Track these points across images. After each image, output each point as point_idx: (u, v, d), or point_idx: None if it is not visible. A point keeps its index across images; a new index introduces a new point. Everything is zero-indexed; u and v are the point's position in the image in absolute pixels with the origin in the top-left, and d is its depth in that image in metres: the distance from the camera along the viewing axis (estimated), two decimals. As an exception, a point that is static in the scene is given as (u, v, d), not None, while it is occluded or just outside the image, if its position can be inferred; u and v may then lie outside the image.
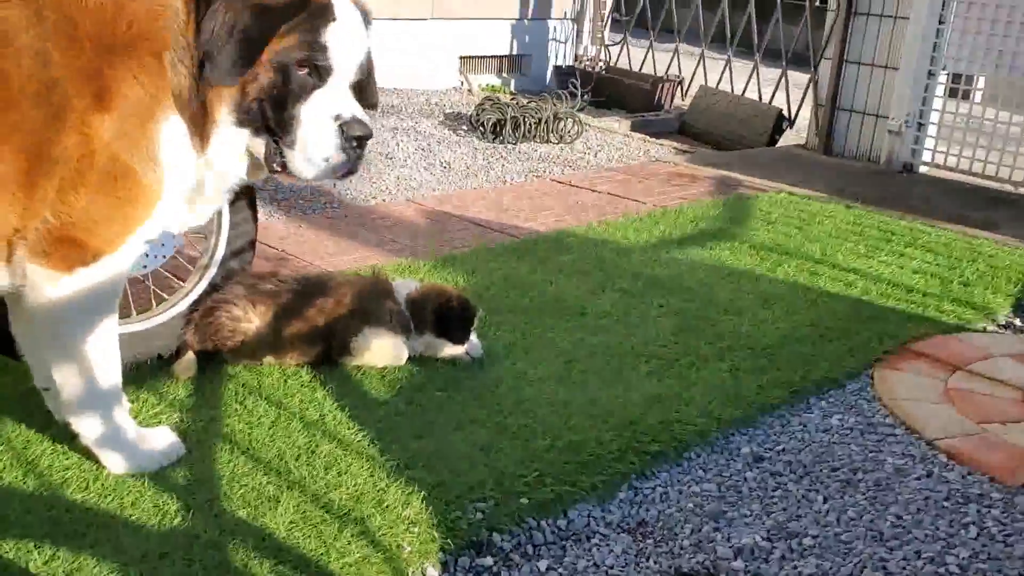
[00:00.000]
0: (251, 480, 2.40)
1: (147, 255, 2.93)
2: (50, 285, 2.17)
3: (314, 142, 2.31)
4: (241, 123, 2.28)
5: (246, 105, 2.25)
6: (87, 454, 2.40)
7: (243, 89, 2.23)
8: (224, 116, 2.26)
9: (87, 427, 2.36)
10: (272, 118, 2.29)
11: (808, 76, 7.25)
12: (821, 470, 2.73)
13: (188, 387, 2.84)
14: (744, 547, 2.34)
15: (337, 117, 2.32)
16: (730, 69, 8.12)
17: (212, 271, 3.10)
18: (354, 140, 2.34)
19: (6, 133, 2.00)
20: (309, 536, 2.19)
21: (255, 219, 3.22)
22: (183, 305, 3.04)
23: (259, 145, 2.34)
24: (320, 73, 2.29)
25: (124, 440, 2.39)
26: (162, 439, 2.48)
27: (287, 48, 2.23)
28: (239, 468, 2.45)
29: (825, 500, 2.58)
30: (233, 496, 2.32)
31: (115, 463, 2.37)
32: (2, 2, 2.00)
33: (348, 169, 2.38)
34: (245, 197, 3.17)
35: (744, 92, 7.96)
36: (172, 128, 2.20)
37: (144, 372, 2.88)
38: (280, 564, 2.09)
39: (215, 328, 2.95)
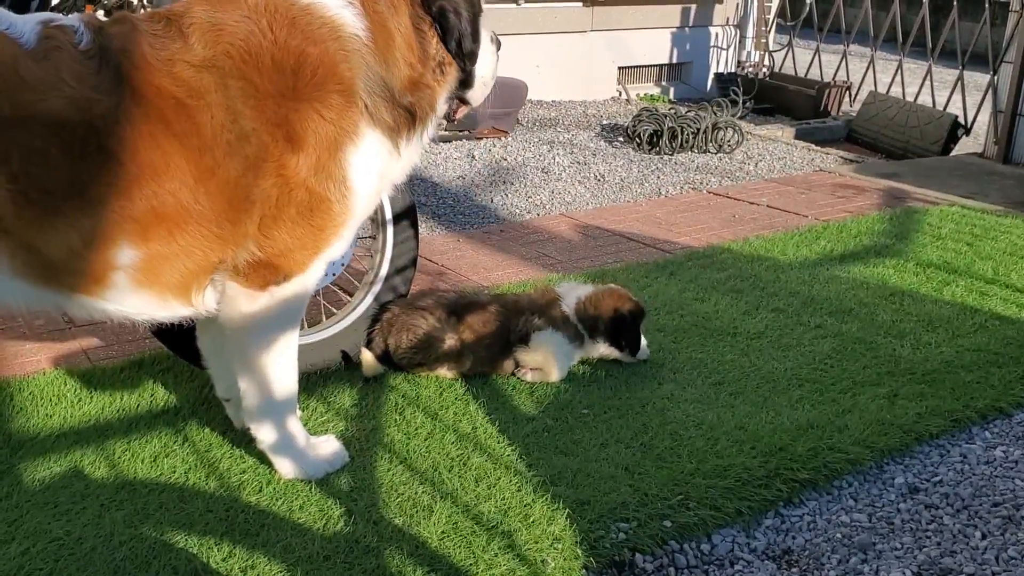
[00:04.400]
0: (407, 489, 2.55)
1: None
2: (246, 301, 2.38)
3: (489, 68, 2.67)
4: (451, 99, 2.61)
5: (463, 77, 2.57)
6: (262, 459, 2.62)
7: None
8: (441, 103, 2.55)
9: (265, 433, 2.56)
10: (467, 73, 2.59)
11: (987, 79, 6.87)
12: (981, 504, 2.62)
13: (353, 397, 3.03)
14: (893, 582, 2.30)
15: (492, 38, 2.68)
16: (902, 72, 7.78)
17: (377, 287, 3.29)
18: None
19: (202, 177, 2.21)
20: (459, 546, 2.31)
21: (416, 237, 3.39)
22: (350, 319, 3.24)
23: (444, 106, 2.61)
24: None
25: (296, 447, 2.58)
26: (329, 447, 2.66)
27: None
28: (397, 477, 2.60)
29: (984, 536, 2.48)
30: (391, 504, 2.47)
31: (286, 468, 2.57)
32: (197, 69, 2.19)
33: None
34: (408, 217, 3.35)
35: (917, 97, 7.62)
36: (365, 150, 2.38)
37: (314, 383, 3.10)
38: (433, 572, 2.21)
39: (406, 330, 3.13)
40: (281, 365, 2.52)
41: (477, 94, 2.69)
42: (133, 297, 2.28)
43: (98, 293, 2.25)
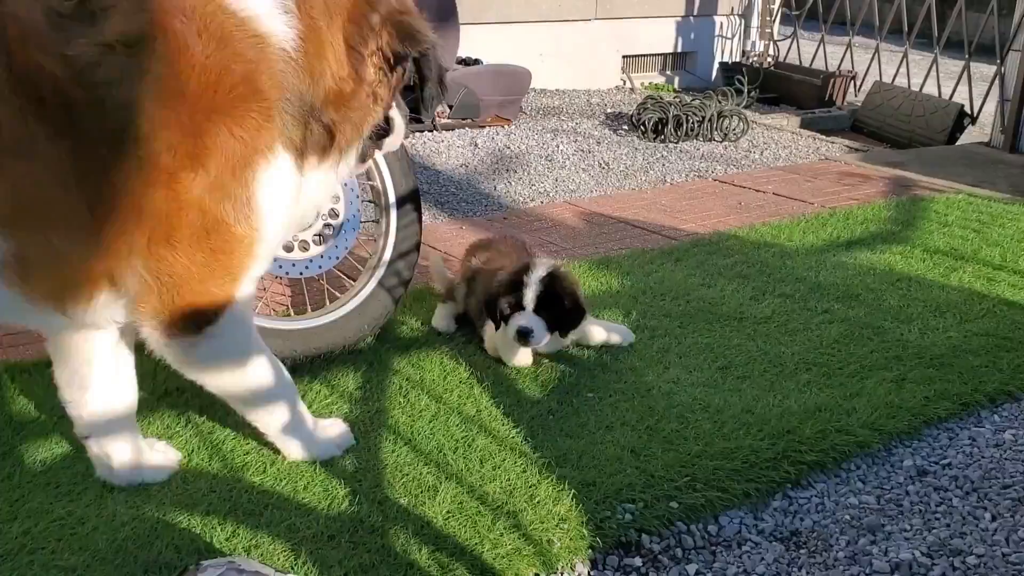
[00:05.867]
0: (412, 470, 2.53)
1: (322, 256, 3.14)
2: (185, 352, 2.22)
3: (402, 125, 2.54)
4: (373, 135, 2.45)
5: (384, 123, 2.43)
6: (265, 441, 2.60)
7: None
8: (367, 130, 2.37)
9: (267, 423, 2.50)
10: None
11: (994, 70, 6.83)
12: (990, 487, 2.60)
13: (357, 380, 3.01)
14: (902, 562, 2.27)
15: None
16: (907, 62, 7.74)
17: (380, 272, 3.27)
18: None
19: (80, 172, 1.96)
20: (465, 526, 2.29)
21: (420, 221, 3.37)
22: (353, 304, 3.22)
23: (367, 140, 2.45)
24: None
25: (303, 430, 2.54)
26: (335, 429, 2.64)
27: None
28: (402, 458, 2.58)
29: (993, 518, 2.46)
30: (396, 484, 2.46)
31: (294, 451, 2.54)
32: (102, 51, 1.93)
33: None
34: (412, 201, 3.33)
35: (923, 87, 7.58)
36: (277, 171, 2.15)
37: (318, 366, 3.08)
38: (438, 551, 2.20)
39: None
40: (261, 375, 2.38)
41: (394, 140, 2.55)
42: None
43: None
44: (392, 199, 3.30)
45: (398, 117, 2.51)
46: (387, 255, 3.29)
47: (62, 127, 1.91)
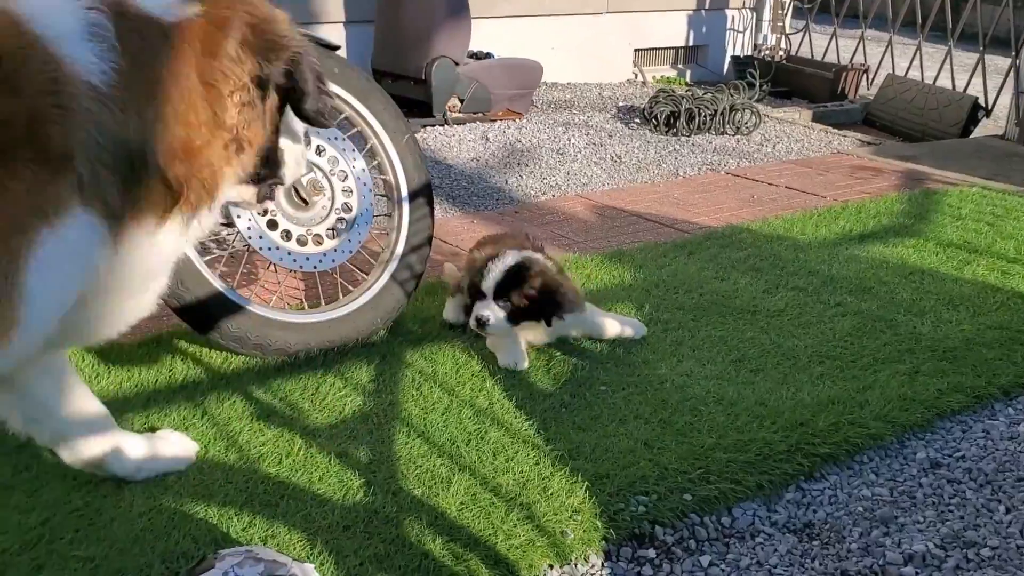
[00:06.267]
0: (426, 462, 2.54)
1: (335, 250, 3.15)
2: None
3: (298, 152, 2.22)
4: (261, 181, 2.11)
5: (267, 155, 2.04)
6: (281, 433, 2.62)
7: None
8: (226, 187, 1.95)
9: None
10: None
11: (1009, 62, 6.79)
12: (1005, 479, 2.60)
13: (370, 373, 3.02)
14: (916, 554, 2.27)
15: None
16: (921, 55, 7.71)
17: (393, 265, 3.28)
18: None
19: None
20: (478, 517, 2.31)
21: (432, 215, 3.38)
22: (366, 297, 3.23)
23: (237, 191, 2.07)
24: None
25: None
26: (172, 447, 2.44)
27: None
28: (415, 450, 2.60)
29: (1008, 511, 2.46)
30: (409, 476, 2.47)
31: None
32: None
33: None
34: (424, 194, 3.34)
35: (936, 79, 7.55)
36: (65, 238, 1.67)
37: (331, 359, 3.09)
38: (452, 542, 2.21)
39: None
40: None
41: (291, 171, 2.20)
42: None
43: None
44: (404, 193, 3.31)
45: (291, 147, 2.17)
46: (399, 249, 3.31)
47: None
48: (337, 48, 3.19)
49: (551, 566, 2.20)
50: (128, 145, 1.69)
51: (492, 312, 3.04)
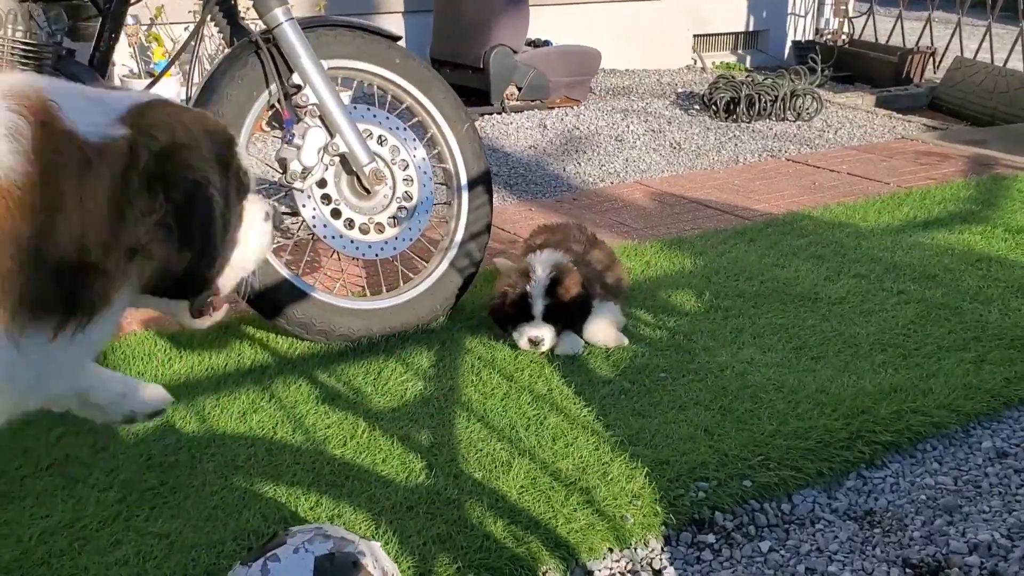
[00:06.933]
0: (486, 446, 2.58)
1: (396, 238, 3.20)
2: None
3: (254, 250, 1.92)
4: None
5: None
6: (346, 416, 2.68)
7: None
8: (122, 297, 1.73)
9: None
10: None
11: (1082, 42, 6.59)
12: (1074, 471, 2.55)
13: (431, 359, 3.08)
14: (980, 543, 2.25)
15: (266, 214, 1.95)
16: (991, 37, 7.50)
17: (452, 253, 3.33)
18: None
19: None
20: (538, 501, 2.34)
21: (491, 203, 3.42)
22: (426, 284, 3.28)
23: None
24: None
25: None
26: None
27: None
28: (475, 434, 2.64)
29: (1077, 503, 2.42)
30: (470, 459, 2.51)
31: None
32: None
33: None
34: (483, 182, 3.38)
35: (1007, 62, 7.34)
36: None
37: (393, 345, 3.15)
38: (512, 524, 2.25)
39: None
40: None
41: (229, 280, 1.89)
42: None
43: None
44: (463, 181, 3.35)
45: (236, 251, 1.86)
46: (459, 236, 3.35)
47: None
48: (399, 38, 3.24)
49: (611, 550, 2.23)
50: (31, 250, 1.55)
51: (542, 332, 3.10)
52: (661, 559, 2.22)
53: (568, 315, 3.13)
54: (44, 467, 2.46)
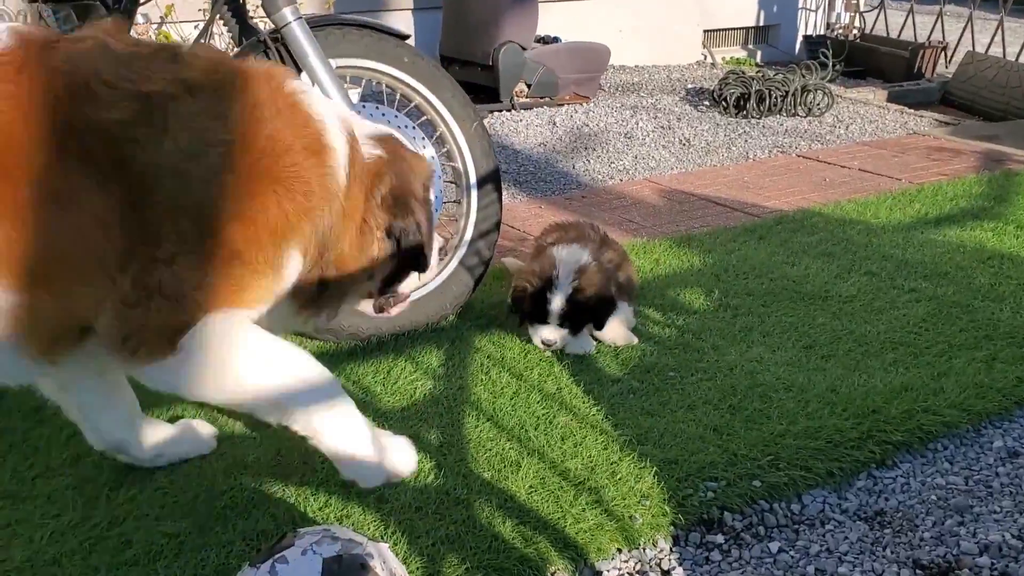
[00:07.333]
0: (495, 445, 2.58)
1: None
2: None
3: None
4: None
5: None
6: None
7: None
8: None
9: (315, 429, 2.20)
10: None
11: (1096, 36, 6.53)
12: (1087, 471, 2.54)
13: (440, 358, 3.08)
14: (992, 544, 2.24)
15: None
16: (1003, 31, 7.44)
17: (461, 251, 3.32)
18: None
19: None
20: (547, 501, 2.34)
21: (500, 201, 3.41)
22: (435, 283, 3.28)
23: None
24: None
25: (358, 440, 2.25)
26: (398, 449, 2.38)
27: None
28: (484, 434, 2.64)
29: (1090, 503, 2.40)
30: (479, 459, 2.51)
31: (345, 467, 2.26)
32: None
33: None
34: (492, 180, 3.37)
35: (1019, 56, 7.28)
36: (291, 260, 2.07)
37: (402, 343, 3.15)
38: (521, 524, 2.25)
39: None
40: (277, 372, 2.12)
41: (405, 286, 2.50)
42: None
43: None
44: (473, 179, 3.35)
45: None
46: (468, 235, 3.35)
47: (112, 182, 1.82)
48: (407, 37, 3.23)
49: (619, 550, 2.23)
50: (325, 234, 2.10)
51: (556, 336, 3.09)
52: (670, 559, 2.22)
53: (587, 318, 3.11)
54: (55, 467, 2.47)
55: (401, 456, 2.36)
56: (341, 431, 2.19)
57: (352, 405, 2.22)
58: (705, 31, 8.79)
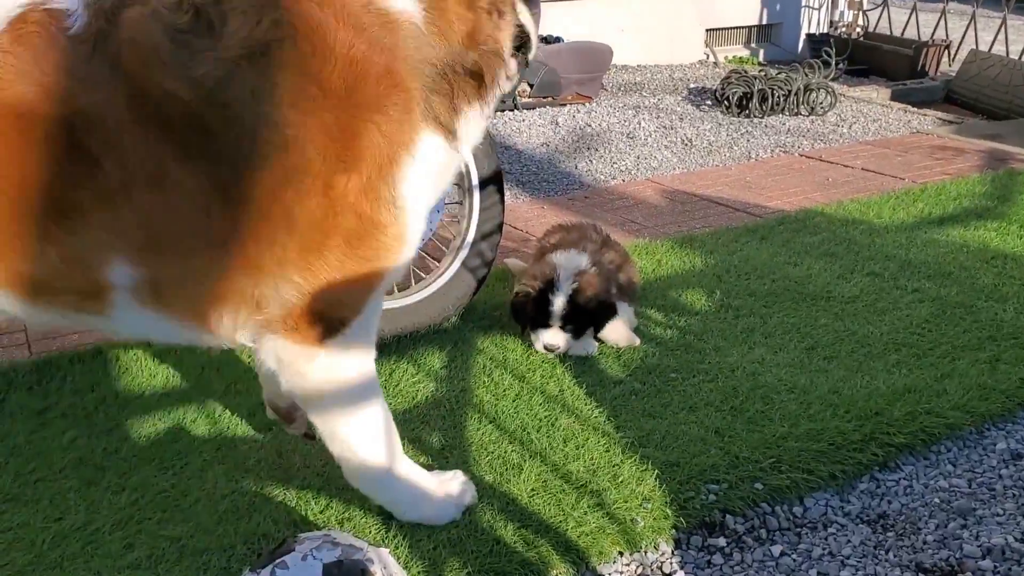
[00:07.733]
0: (497, 448, 2.58)
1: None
2: (304, 362, 2.04)
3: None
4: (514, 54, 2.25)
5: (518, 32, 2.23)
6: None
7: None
8: (507, 53, 2.15)
9: (374, 492, 2.27)
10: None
11: (1100, 34, 6.51)
12: (1090, 473, 2.53)
13: (442, 360, 3.07)
14: (995, 547, 2.23)
15: None
16: (1006, 29, 7.42)
17: (464, 253, 3.32)
18: None
19: (218, 191, 1.87)
20: (549, 504, 2.34)
21: (503, 202, 3.41)
22: (437, 284, 3.28)
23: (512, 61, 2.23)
24: None
25: (419, 494, 2.28)
26: (455, 485, 2.35)
27: None
28: (486, 436, 2.64)
29: (1093, 506, 2.39)
30: (481, 462, 2.51)
31: (404, 508, 2.29)
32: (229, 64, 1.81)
33: None
34: (494, 182, 3.37)
35: (1022, 55, 7.26)
36: (421, 160, 2.00)
37: (404, 345, 3.15)
38: (523, 528, 2.24)
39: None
40: (367, 434, 2.18)
41: (533, 48, 2.33)
42: (138, 317, 2.00)
43: (96, 311, 1.98)
44: (475, 180, 3.33)
45: (526, 17, 2.31)
46: (470, 236, 3.34)
47: (196, 151, 1.82)
48: (408, 39, 3.22)
49: (621, 553, 2.22)
50: (441, 63, 1.98)
51: (558, 340, 3.09)
52: (671, 563, 2.22)
53: (587, 322, 3.12)
54: (57, 470, 2.47)
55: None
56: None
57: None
58: (708, 30, 8.77)
